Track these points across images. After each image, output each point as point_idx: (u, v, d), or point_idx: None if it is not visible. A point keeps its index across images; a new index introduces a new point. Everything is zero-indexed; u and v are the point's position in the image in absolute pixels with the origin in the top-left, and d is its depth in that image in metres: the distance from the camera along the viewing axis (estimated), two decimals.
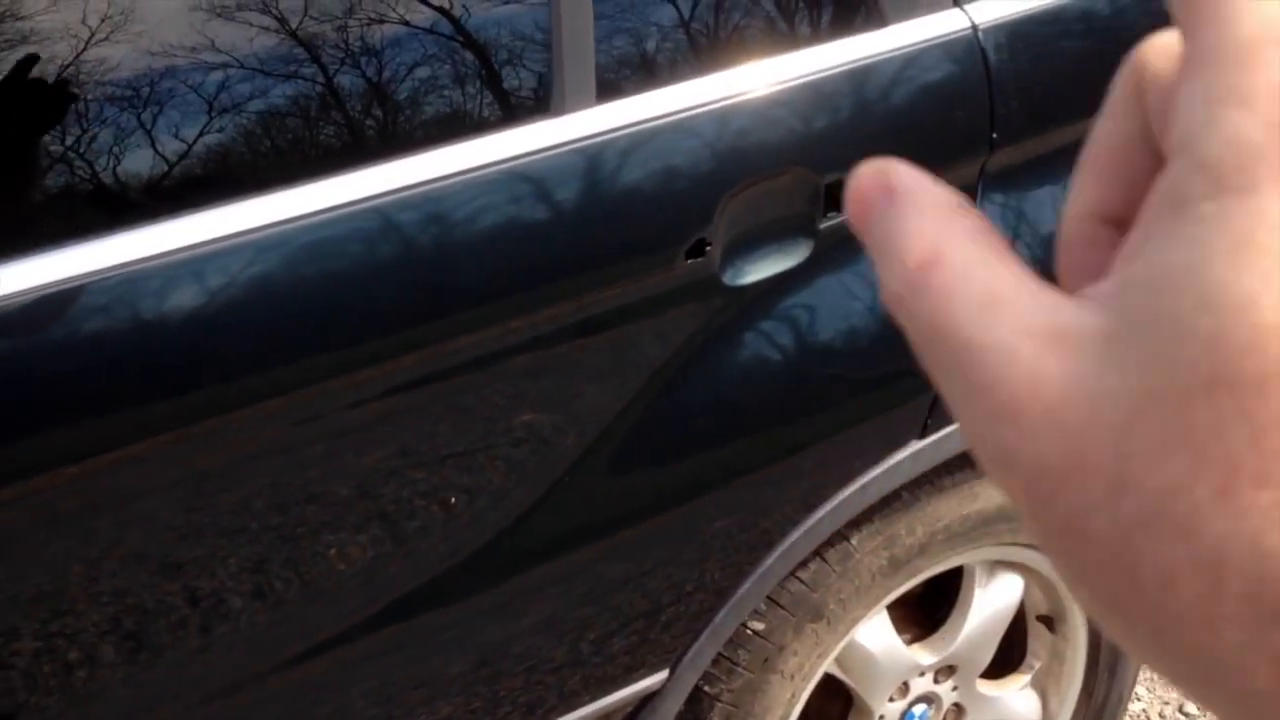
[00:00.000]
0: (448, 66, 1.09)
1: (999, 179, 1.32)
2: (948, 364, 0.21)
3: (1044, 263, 1.37)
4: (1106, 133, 0.24)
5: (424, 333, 1.07)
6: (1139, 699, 2.14)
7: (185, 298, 0.96)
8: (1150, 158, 0.23)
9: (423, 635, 1.18)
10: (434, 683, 1.21)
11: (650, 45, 1.16)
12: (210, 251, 0.96)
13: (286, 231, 0.99)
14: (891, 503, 1.44)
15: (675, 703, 1.37)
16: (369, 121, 1.09)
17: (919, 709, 1.68)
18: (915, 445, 1.36)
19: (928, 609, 1.73)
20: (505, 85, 1.12)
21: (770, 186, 1.19)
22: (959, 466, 1.47)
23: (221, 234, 0.97)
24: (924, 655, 1.64)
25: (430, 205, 1.05)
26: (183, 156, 0.99)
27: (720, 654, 1.43)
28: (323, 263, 1.01)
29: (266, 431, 1.02)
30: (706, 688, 1.45)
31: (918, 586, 1.69)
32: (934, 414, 1.35)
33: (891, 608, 1.64)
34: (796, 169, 1.20)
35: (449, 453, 1.12)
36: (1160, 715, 2.13)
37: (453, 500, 1.13)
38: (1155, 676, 2.18)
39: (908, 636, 1.67)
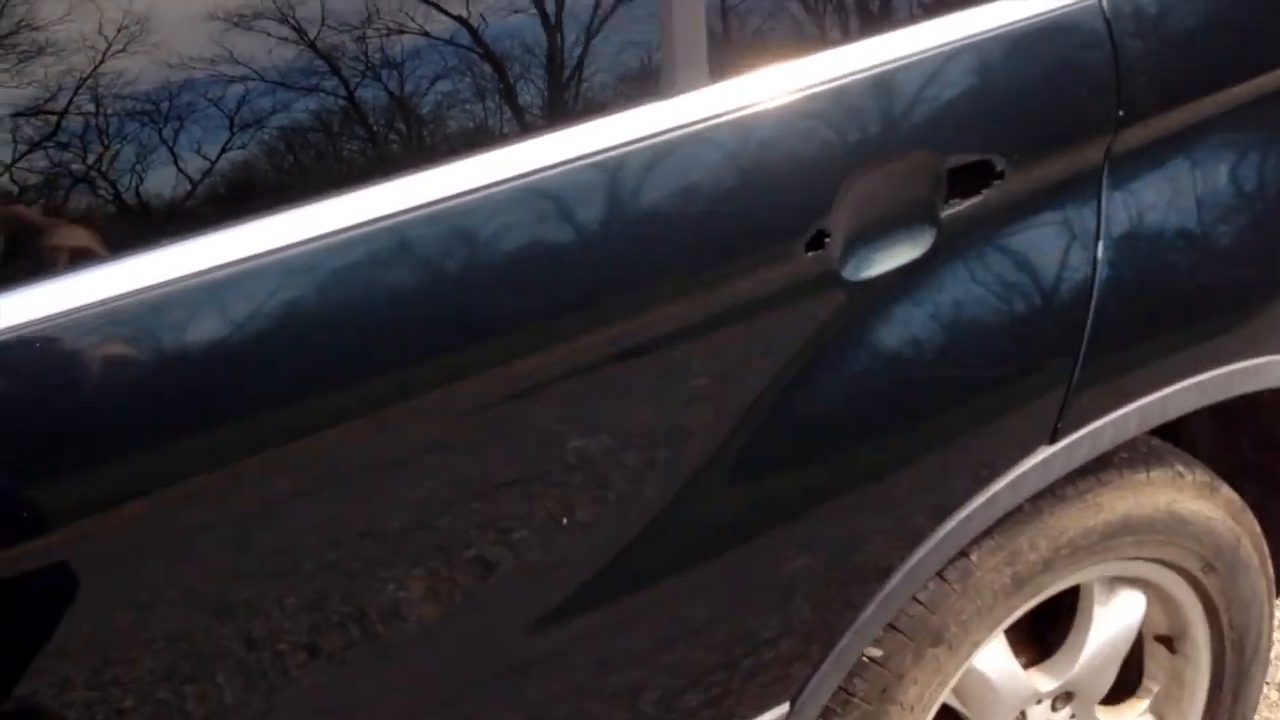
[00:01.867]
0: (534, 47, 1.01)
1: (1127, 160, 1.23)
2: None
3: (1173, 259, 1.28)
4: None
5: (535, 337, 0.98)
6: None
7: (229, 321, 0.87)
8: None
9: (521, 668, 1.08)
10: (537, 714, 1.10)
11: (765, 18, 1.07)
12: (259, 267, 0.87)
13: (376, 231, 0.90)
14: (1013, 515, 1.34)
15: None
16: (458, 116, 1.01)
17: None
18: (1045, 451, 1.26)
19: (1040, 630, 1.62)
20: (607, 63, 1.03)
21: (892, 171, 1.10)
22: (1081, 474, 1.37)
23: (278, 245, 0.88)
24: (1043, 681, 1.53)
25: (519, 202, 0.96)
26: (206, 173, 0.90)
27: (837, 685, 1.33)
28: (417, 268, 0.92)
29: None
30: None
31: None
32: (1065, 416, 1.25)
33: (1005, 631, 1.54)
34: (918, 152, 1.10)
35: (544, 472, 1.02)
36: None
37: (564, 520, 1.03)
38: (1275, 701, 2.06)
39: (1023, 660, 1.56)
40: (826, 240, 1.07)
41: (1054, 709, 1.57)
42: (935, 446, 1.20)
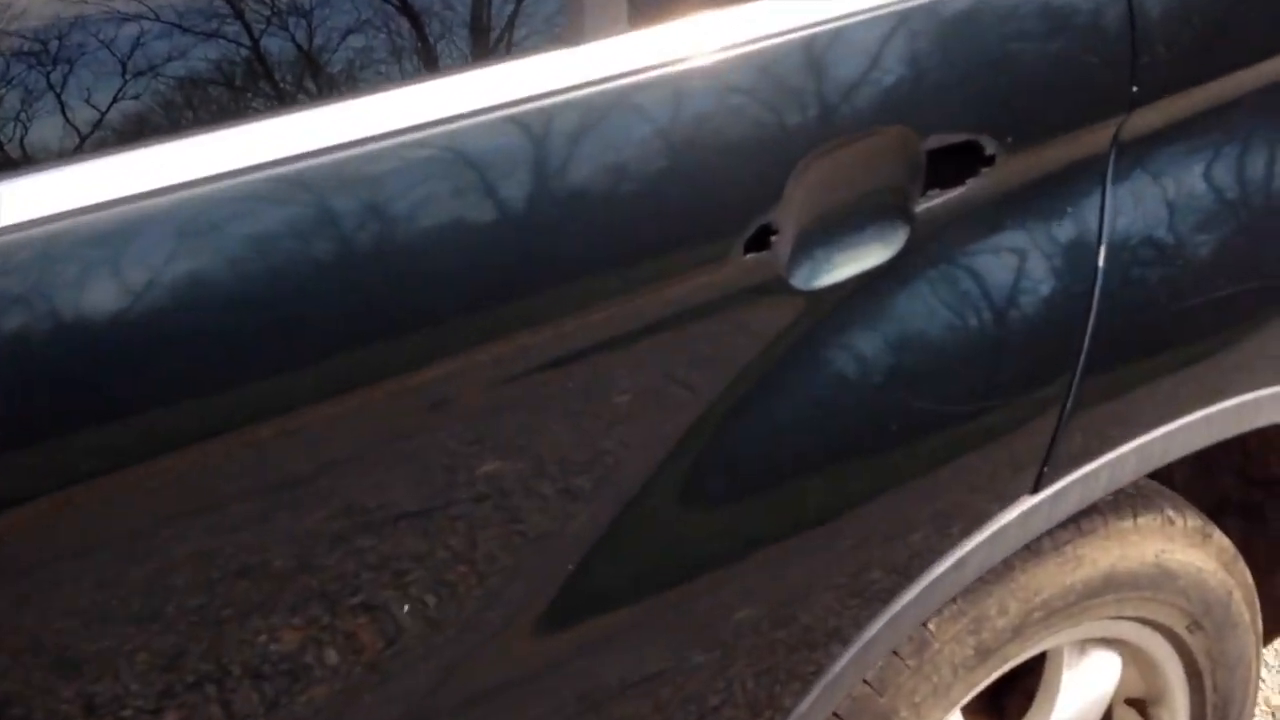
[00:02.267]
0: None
1: (1137, 148, 1.00)
2: None
3: (1188, 269, 1.05)
4: None
5: (412, 352, 0.72)
6: None
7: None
8: None
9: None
10: None
11: None
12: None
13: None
14: (980, 575, 1.11)
15: None
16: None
17: None
18: (1027, 502, 1.03)
19: (993, 698, 1.39)
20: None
21: (859, 152, 0.85)
22: (1059, 525, 1.14)
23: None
24: None
25: (365, 178, 0.69)
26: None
27: None
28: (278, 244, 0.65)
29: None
30: None
31: None
32: (1052, 458, 1.02)
33: None
34: (893, 128, 0.86)
35: (446, 502, 0.76)
36: None
37: (443, 579, 0.77)
38: None
39: None
40: (772, 238, 0.82)
41: None
42: (896, 495, 0.96)
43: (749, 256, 0.81)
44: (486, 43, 0.75)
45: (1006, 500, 1.02)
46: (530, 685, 0.86)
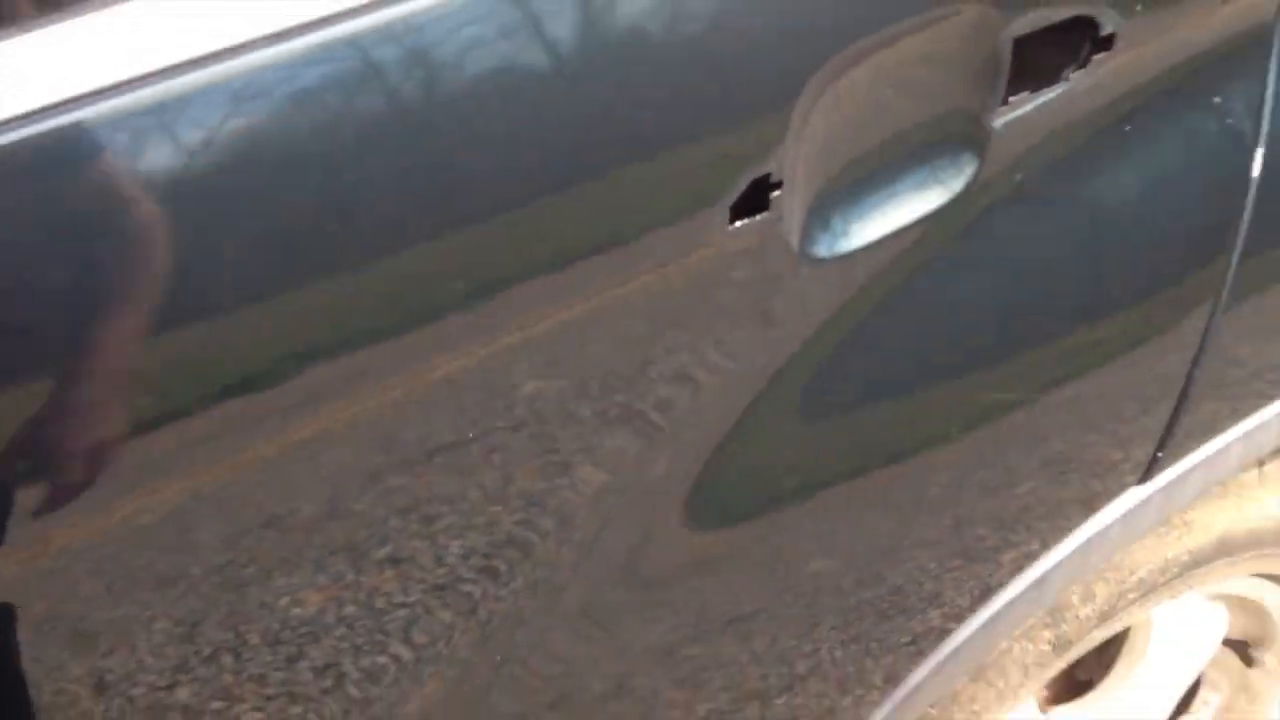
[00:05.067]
0: None
1: None
2: None
3: None
4: None
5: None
6: None
7: None
8: None
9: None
10: None
11: None
12: None
13: None
14: None
15: None
16: None
17: None
18: (1134, 493, 0.77)
19: None
20: None
21: (901, 51, 0.56)
22: None
23: None
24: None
25: None
26: None
27: None
28: None
29: None
30: None
31: None
32: (1170, 438, 0.75)
33: None
34: (956, 12, 0.56)
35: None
36: None
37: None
38: None
39: (1044, 695, 1.12)
40: (773, 194, 0.54)
41: None
42: (980, 503, 0.71)
43: (737, 225, 0.54)
44: None
45: (1107, 495, 0.76)
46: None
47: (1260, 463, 0.96)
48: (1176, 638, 1.10)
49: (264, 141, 0.44)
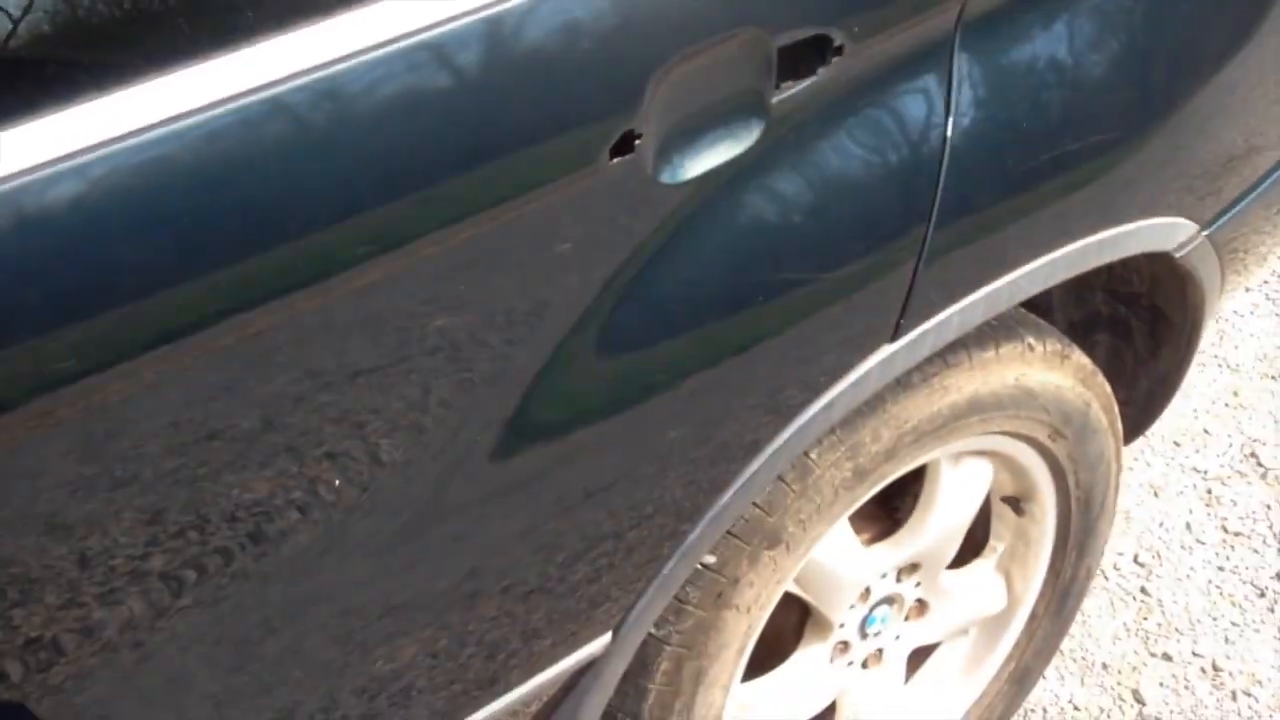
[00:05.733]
0: None
1: (980, 24, 1.08)
2: None
3: (1027, 130, 1.15)
4: None
5: (294, 250, 0.81)
6: None
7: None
8: None
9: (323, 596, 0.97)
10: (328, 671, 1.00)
11: None
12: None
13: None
14: (855, 409, 1.24)
15: (620, 664, 1.19)
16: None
17: (880, 611, 1.53)
18: (886, 349, 1.16)
19: (884, 499, 1.56)
20: None
21: (712, 57, 0.93)
22: (927, 360, 1.27)
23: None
24: (887, 556, 1.48)
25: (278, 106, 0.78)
26: None
27: None
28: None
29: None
30: (654, 631, 1.26)
31: None
32: (907, 313, 1.14)
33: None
34: (744, 30, 0.94)
35: (365, 387, 0.88)
36: (1115, 567, 2.03)
37: (382, 439, 0.90)
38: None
39: (866, 536, 1.51)
40: (636, 142, 0.91)
41: (898, 580, 1.52)
42: (770, 352, 1.08)
43: (614, 161, 0.91)
44: None
45: (869, 350, 1.14)
46: (507, 497, 1.00)
47: (997, 345, 1.35)
48: (957, 488, 1.49)
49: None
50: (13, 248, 0.71)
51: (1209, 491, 2.12)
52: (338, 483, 0.91)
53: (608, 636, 1.14)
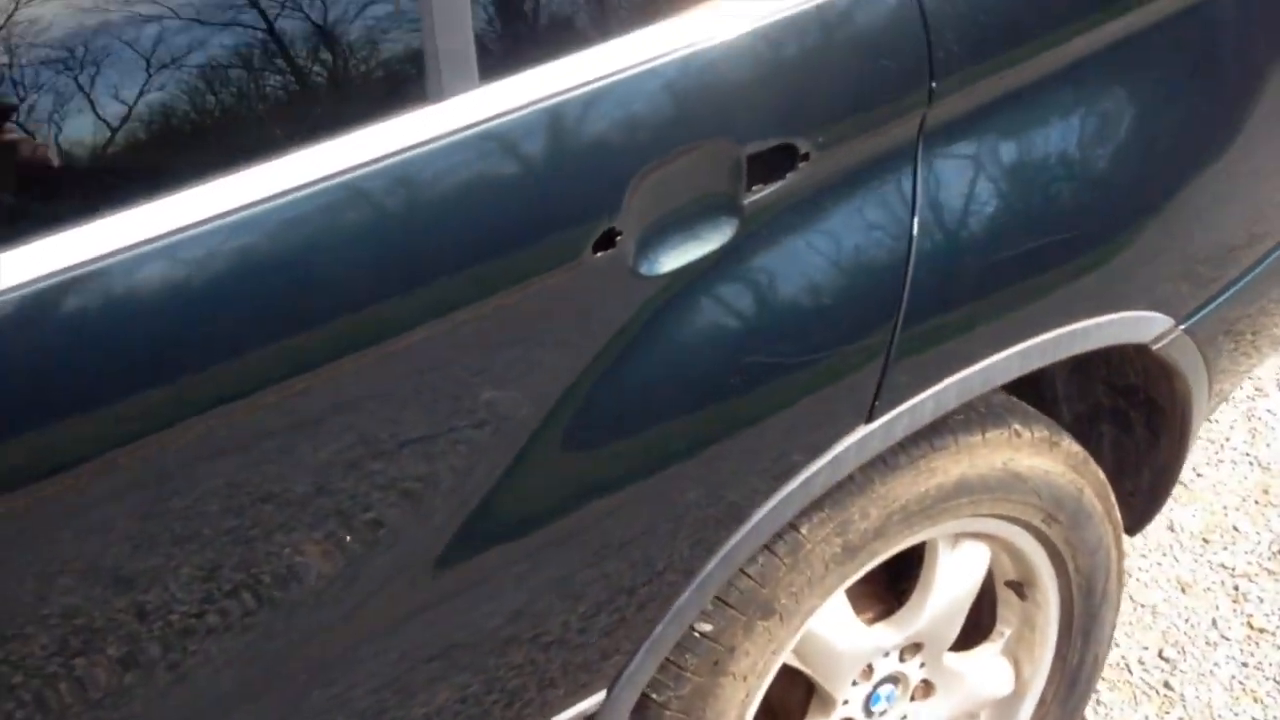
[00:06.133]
0: (304, 56, 0.95)
1: (943, 132, 1.19)
2: None
3: (991, 229, 1.25)
4: None
5: (301, 342, 0.94)
6: (1117, 644, 2.06)
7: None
8: None
9: (331, 659, 1.07)
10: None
11: (538, 15, 1.02)
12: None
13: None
14: (843, 486, 1.33)
15: None
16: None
17: (885, 690, 1.59)
18: (862, 430, 1.25)
19: (891, 581, 1.63)
20: (374, 72, 0.98)
21: (685, 164, 1.06)
22: (912, 443, 1.36)
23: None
24: (887, 635, 1.54)
25: (296, 211, 0.92)
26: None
27: (667, 660, 1.33)
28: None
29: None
30: (654, 695, 1.35)
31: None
32: (880, 396, 1.23)
33: (850, 588, 1.55)
34: (712, 141, 1.06)
35: (349, 468, 1.00)
36: (1140, 661, 2.06)
37: (360, 516, 1.01)
38: (1133, 621, 2.10)
39: (869, 616, 1.58)
40: (618, 239, 1.04)
41: (902, 659, 1.59)
42: (747, 433, 1.19)
43: (597, 255, 1.03)
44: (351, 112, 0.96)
45: (845, 430, 1.24)
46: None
47: (983, 430, 1.43)
48: (955, 570, 1.56)
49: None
50: (98, 321, 0.85)
51: (1236, 588, 2.14)
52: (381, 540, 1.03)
53: (602, 694, 1.23)
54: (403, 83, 0.98)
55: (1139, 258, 1.36)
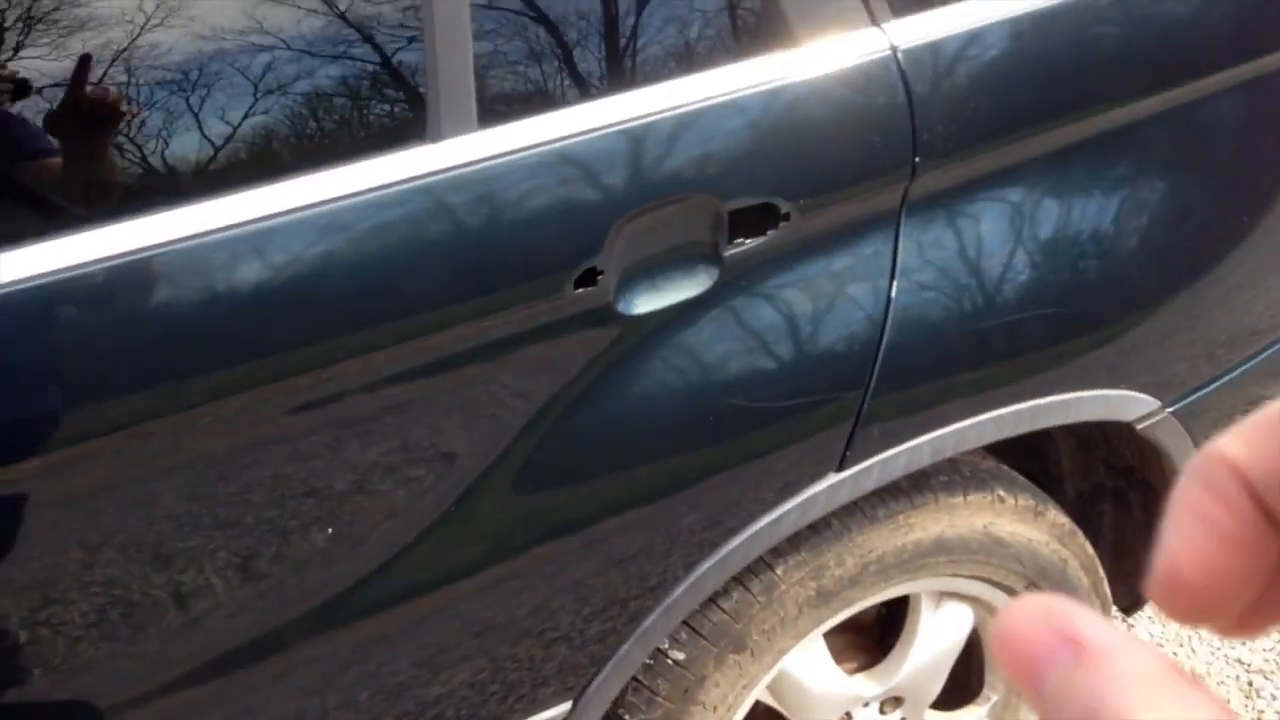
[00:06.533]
0: (330, 87, 1.07)
1: (925, 203, 1.27)
2: None
3: (967, 300, 1.32)
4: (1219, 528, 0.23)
5: (302, 357, 1.05)
6: None
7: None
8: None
9: (303, 663, 1.17)
10: (345, 701, 1.19)
11: (536, 69, 1.13)
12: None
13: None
14: (820, 532, 1.40)
15: None
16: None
17: None
18: (832, 478, 1.32)
19: (882, 636, 1.68)
20: (380, 110, 1.10)
21: (667, 213, 1.15)
22: (892, 497, 1.43)
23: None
24: (867, 686, 1.60)
25: (305, 229, 1.03)
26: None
27: (640, 683, 1.41)
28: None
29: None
30: (626, 716, 1.42)
31: (869, 615, 1.65)
32: (852, 447, 1.31)
33: (840, 636, 1.61)
34: (697, 195, 1.16)
35: (322, 483, 1.10)
36: None
37: (329, 530, 1.11)
38: None
39: (852, 665, 1.63)
40: (599, 277, 1.13)
41: (883, 712, 1.64)
42: (717, 472, 1.26)
43: (578, 291, 1.13)
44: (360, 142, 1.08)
45: (815, 476, 1.31)
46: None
47: (965, 493, 1.49)
48: (936, 628, 1.61)
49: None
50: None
51: (1249, 684, 2.14)
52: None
53: (567, 704, 1.31)
54: (407, 124, 1.09)
55: (1122, 340, 1.42)
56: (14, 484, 0.97)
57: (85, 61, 0.97)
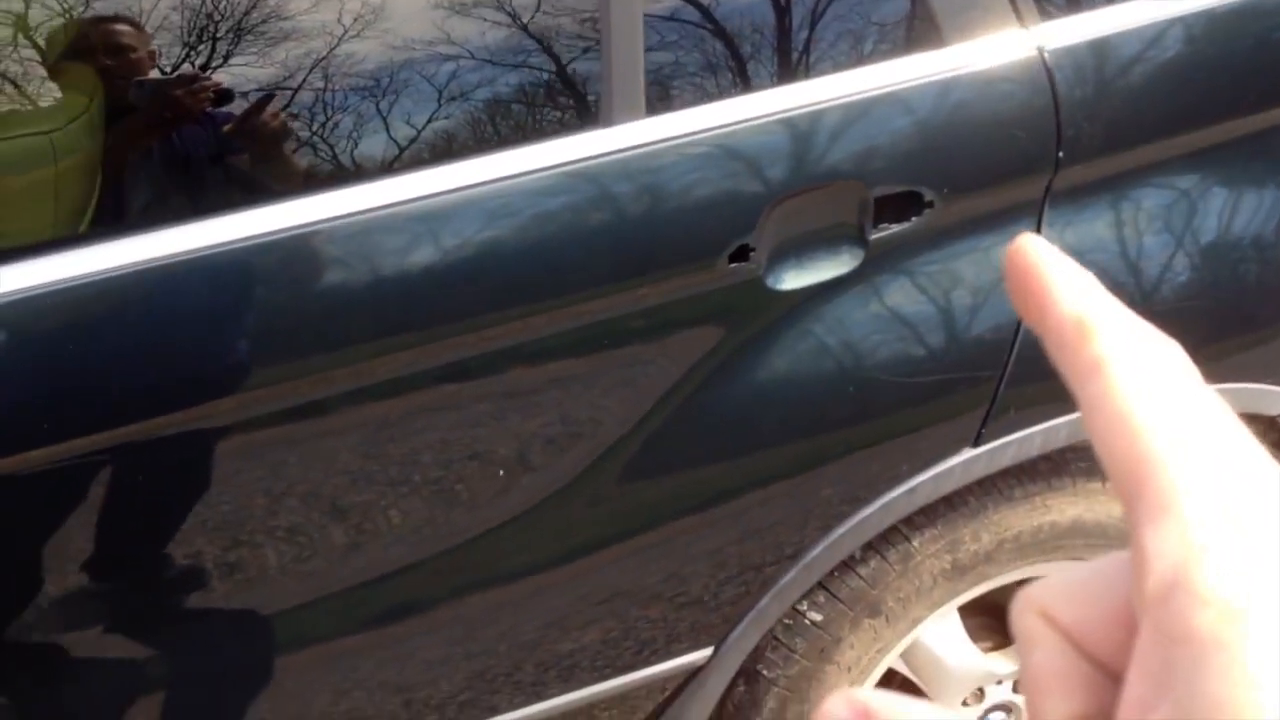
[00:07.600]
0: (511, 81, 1.21)
1: (1067, 195, 1.34)
2: None
3: (1107, 277, 1.38)
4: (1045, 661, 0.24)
5: (473, 324, 1.19)
6: None
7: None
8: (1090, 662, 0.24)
9: (478, 605, 1.31)
10: (484, 649, 1.33)
11: (701, 60, 1.25)
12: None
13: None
14: (956, 507, 1.47)
15: (721, 679, 1.45)
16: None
17: (995, 716, 1.70)
18: (968, 453, 1.39)
19: None
20: (557, 98, 1.23)
21: (817, 197, 1.25)
22: (1029, 479, 1.49)
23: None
24: (1001, 664, 1.65)
25: (483, 206, 1.16)
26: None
27: (779, 640, 1.50)
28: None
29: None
30: (765, 672, 1.52)
31: (1007, 598, 1.70)
32: (989, 424, 1.38)
33: (978, 615, 1.67)
34: (844, 181, 1.25)
35: (501, 431, 1.24)
36: None
37: (501, 473, 1.25)
38: None
39: (988, 644, 1.69)
40: (751, 253, 1.24)
41: (1015, 690, 1.69)
42: (859, 442, 1.36)
43: (732, 265, 1.24)
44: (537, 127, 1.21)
45: (952, 450, 1.39)
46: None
47: (1104, 479, 1.53)
48: None
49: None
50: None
51: None
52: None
53: (709, 649, 1.42)
54: (582, 111, 1.22)
55: (1268, 335, 1.45)
56: (215, 419, 1.14)
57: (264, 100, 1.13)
